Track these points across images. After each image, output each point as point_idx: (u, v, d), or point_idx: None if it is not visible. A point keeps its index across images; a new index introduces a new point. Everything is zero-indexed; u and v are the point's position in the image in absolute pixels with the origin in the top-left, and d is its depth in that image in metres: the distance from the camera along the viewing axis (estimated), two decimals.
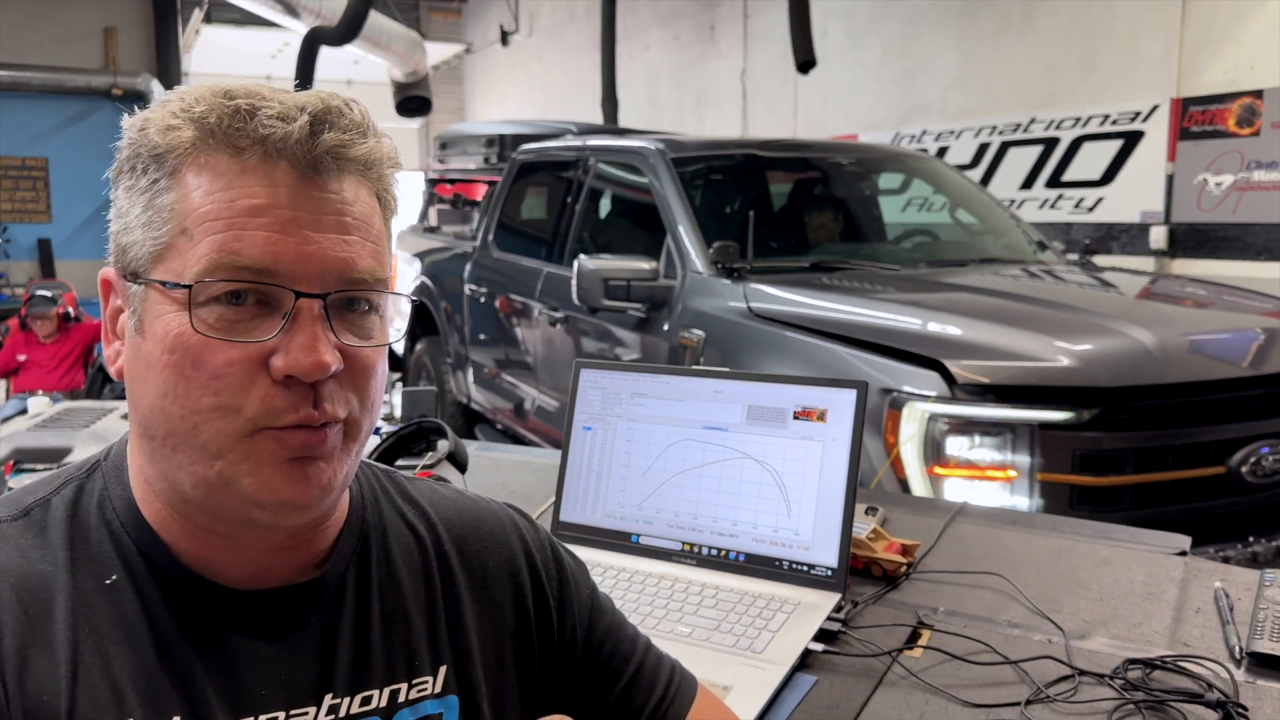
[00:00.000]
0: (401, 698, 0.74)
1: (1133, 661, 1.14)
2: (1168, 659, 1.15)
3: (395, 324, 0.73)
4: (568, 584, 0.87)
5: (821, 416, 1.36)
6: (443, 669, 0.76)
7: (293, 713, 0.69)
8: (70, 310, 6.28)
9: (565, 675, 0.84)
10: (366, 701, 0.72)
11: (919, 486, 2.58)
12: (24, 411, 2.83)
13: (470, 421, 5.45)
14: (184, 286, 0.64)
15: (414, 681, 0.75)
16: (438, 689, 0.76)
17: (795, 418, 1.37)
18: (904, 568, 1.39)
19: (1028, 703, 1.09)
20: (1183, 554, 1.44)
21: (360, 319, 0.69)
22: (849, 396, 1.35)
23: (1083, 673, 1.14)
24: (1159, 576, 1.37)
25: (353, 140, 0.68)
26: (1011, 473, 2.56)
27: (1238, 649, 1.18)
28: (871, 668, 1.17)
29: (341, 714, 0.71)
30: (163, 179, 0.66)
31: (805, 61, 6.25)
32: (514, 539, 0.85)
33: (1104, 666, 1.15)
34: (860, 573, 1.40)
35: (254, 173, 0.65)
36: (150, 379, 0.66)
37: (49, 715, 0.62)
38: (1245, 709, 1.05)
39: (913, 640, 1.23)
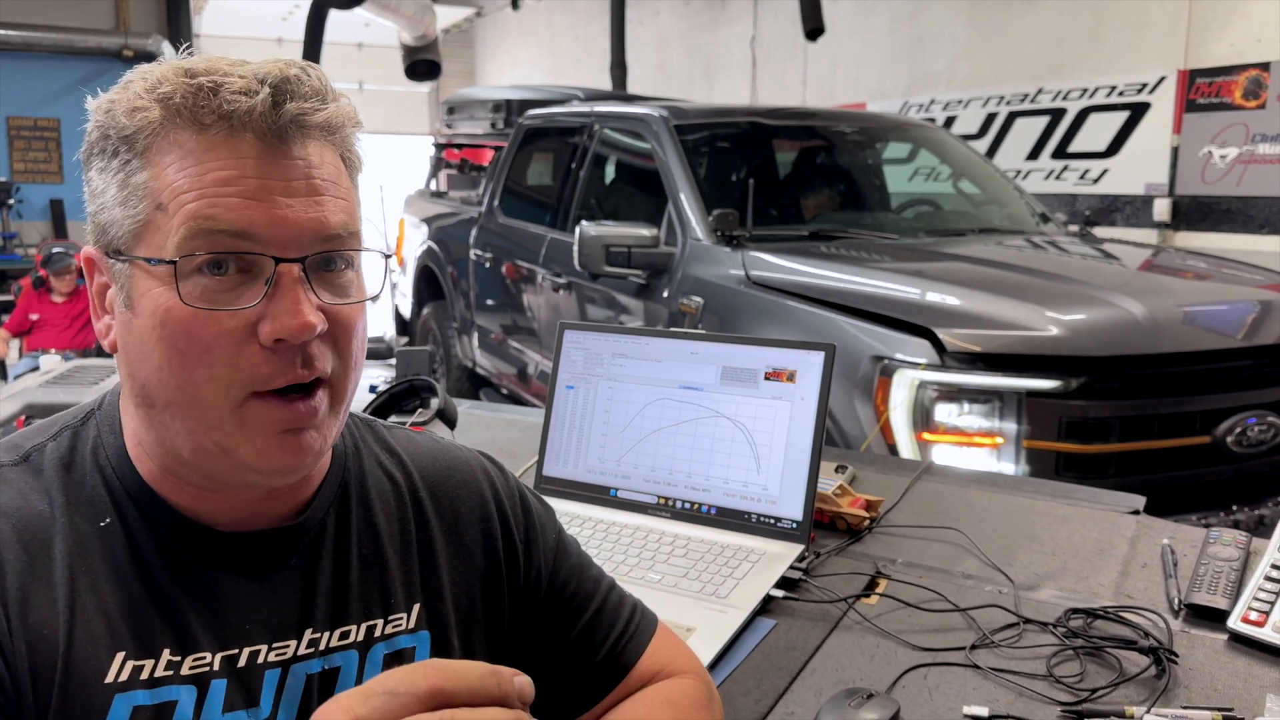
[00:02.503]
0: (377, 633, 0.80)
1: (1075, 611, 1.21)
2: (1109, 609, 1.21)
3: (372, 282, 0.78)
4: (534, 527, 0.93)
5: (791, 377, 1.42)
6: (416, 606, 0.82)
7: (274, 645, 0.75)
8: (83, 267, 6.34)
9: (531, 612, 0.90)
10: (345, 636, 0.78)
11: (907, 452, 2.64)
12: (36, 369, 2.90)
13: (475, 386, 5.52)
14: (168, 262, 0.67)
15: (389, 618, 0.81)
16: (411, 625, 0.82)
17: (766, 378, 1.43)
18: (867, 522, 1.45)
19: (973, 647, 1.15)
20: (1136, 513, 1.50)
21: (337, 277, 0.72)
22: (817, 358, 1.41)
23: (1028, 621, 1.20)
24: (1110, 534, 1.43)
25: (314, 108, 0.70)
26: (999, 439, 2.62)
27: (1176, 601, 1.24)
28: (828, 613, 1.24)
29: (321, 647, 0.77)
30: (134, 159, 0.69)
31: (814, 29, 6.24)
32: (484, 485, 0.91)
33: (1049, 616, 1.21)
34: (826, 526, 1.47)
35: (221, 147, 0.68)
36: (146, 353, 0.69)
37: (49, 648, 0.67)
38: (1176, 655, 1.12)
39: (869, 589, 1.30)
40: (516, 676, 0.55)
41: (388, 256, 0.80)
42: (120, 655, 0.69)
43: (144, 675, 0.70)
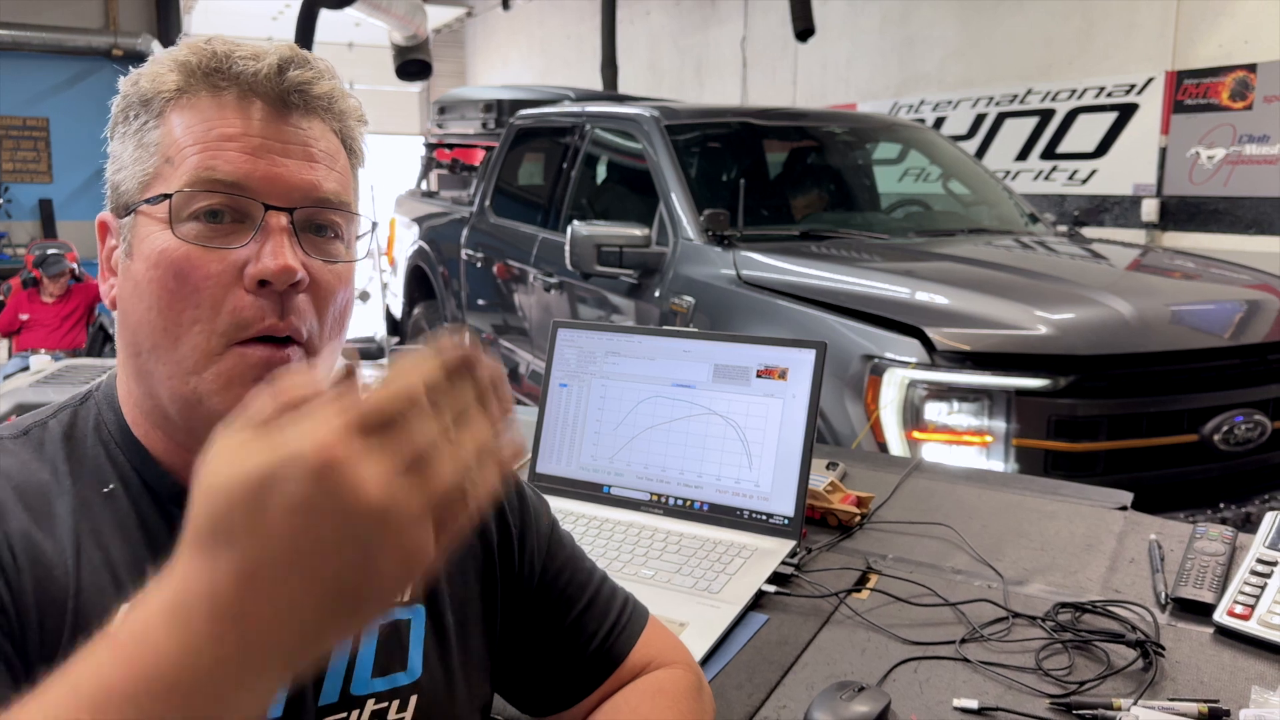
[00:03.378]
0: None
1: (1064, 605, 1.22)
2: (1097, 603, 1.22)
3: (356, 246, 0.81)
4: (529, 515, 0.94)
5: (783, 375, 1.43)
6: None
7: None
8: (75, 268, 6.33)
9: (524, 601, 0.91)
10: None
11: (898, 450, 2.65)
12: (26, 369, 2.90)
13: None
14: (165, 196, 0.72)
15: None
16: (405, 598, 0.83)
17: (758, 376, 1.44)
18: (858, 518, 1.47)
19: (962, 641, 1.17)
20: (1123, 509, 1.51)
21: (326, 244, 0.76)
22: (809, 356, 1.42)
23: (1016, 615, 1.22)
24: (1098, 529, 1.45)
25: (316, 78, 0.76)
26: (988, 438, 2.64)
27: (1163, 595, 1.25)
28: (820, 608, 1.25)
29: None
30: (150, 120, 0.74)
31: (804, 29, 6.26)
32: None
33: (1037, 610, 1.22)
34: (817, 523, 1.48)
35: (230, 107, 0.73)
36: (139, 296, 0.73)
37: (59, 587, 0.68)
38: (1163, 648, 1.13)
39: (860, 584, 1.31)
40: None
41: (375, 225, 0.84)
42: (126, 607, 0.70)
43: None
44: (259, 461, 0.44)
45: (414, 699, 0.81)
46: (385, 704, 0.80)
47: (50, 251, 6.25)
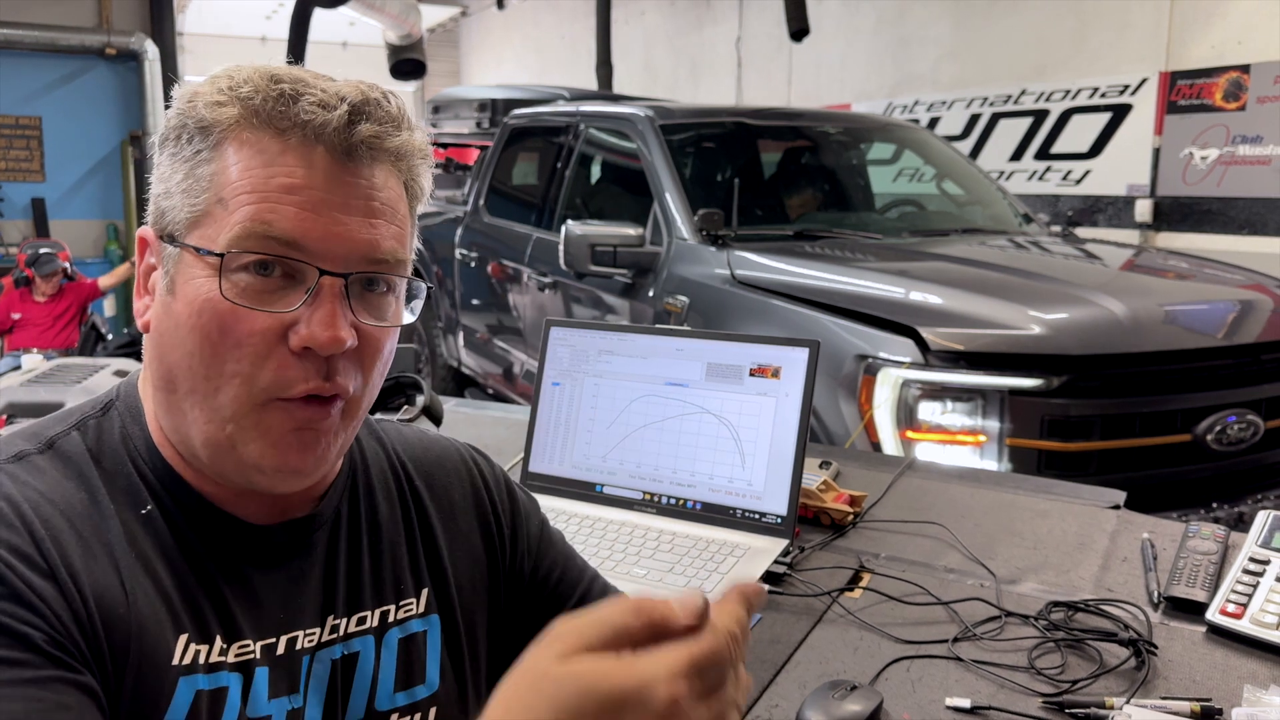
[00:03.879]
0: (391, 618, 0.81)
1: (1056, 604, 1.22)
2: (1090, 602, 1.22)
3: (412, 305, 0.78)
4: (519, 515, 0.94)
5: (776, 374, 1.43)
6: (425, 591, 0.84)
7: (307, 632, 0.76)
8: (67, 267, 6.31)
9: (515, 600, 0.91)
10: (362, 621, 0.80)
11: (891, 450, 2.65)
12: (18, 368, 2.88)
13: (460, 385, 5.52)
14: (217, 255, 0.68)
15: (401, 602, 0.82)
16: (421, 609, 0.83)
17: (751, 374, 1.44)
18: (851, 517, 1.46)
19: (955, 640, 1.17)
20: (1116, 508, 1.51)
21: (378, 299, 0.73)
22: (802, 355, 1.41)
23: (1009, 614, 1.22)
24: (1091, 528, 1.45)
25: (388, 133, 0.72)
26: (981, 437, 2.64)
27: (1156, 594, 1.25)
28: (813, 607, 1.25)
29: (342, 632, 0.78)
30: (206, 150, 0.70)
31: (799, 30, 6.26)
32: (474, 472, 0.93)
33: (1030, 609, 1.23)
34: (810, 522, 1.48)
35: (292, 154, 0.69)
36: (179, 339, 0.70)
37: (123, 628, 0.66)
38: (1155, 647, 1.13)
39: (853, 583, 1.31)
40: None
41: (430, 288, 0.81)
42: (184, 638, 0.70)
43: (203, 659, 0.70)
44: (619, 682, 0.47)
45: (433, 711, 0.82)
46: (407, 718, 0.80)
47: (43, 251, 6.22)
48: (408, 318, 0.77)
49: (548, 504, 1.49)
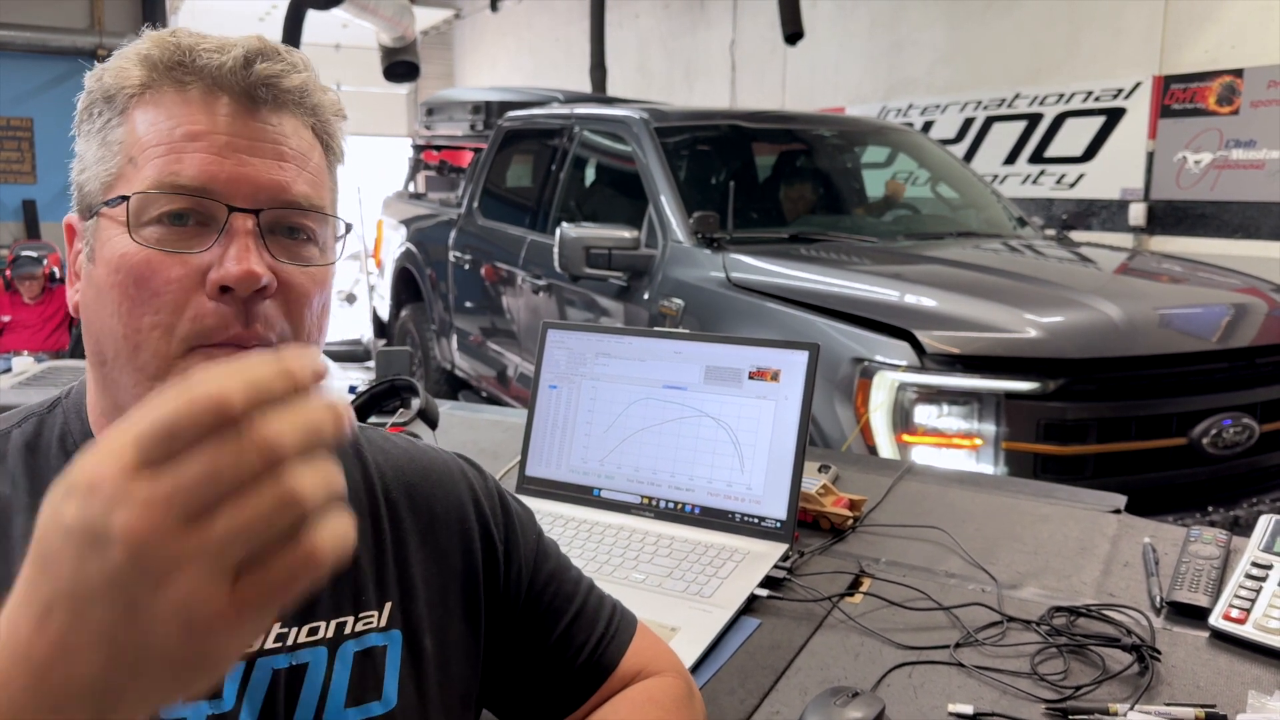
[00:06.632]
0: (347, 630, 0.78)
1: (1058, 609, 1.21)
2: (1092, 607, 1.21)
3: (334, 246, 0.76)
4: (514, 529, 0.91)
5: (775, 377, 1.42)
6: (388, 605, 0.81)
7: None
8: (56, 271, 6.28)
9: (511, 615, 0.89)
10: (313, 632, 0.77)
11: (887, 453, 2.65)
12: (8, 371, 2.86)
13: (454, 388, 5.50)
14: (124, 198, 0.68)
15: (360, 615, 0.79)
16: (382, 623, 0.80)
17: (750, 377, 1.43)
18: (850, 521, 1.45)
19: (957, 645, 1.15)
20: (1117, 512, 1.51)
21: (299, 247, 0.72)
22: (801, 358, 1.40)
23: (1011, 619, 1.21)
24: (1092, 532, 1.44)
25: (286, 71, 0.71)
26: (977, 441, 2.63)
27: (1158, 599, 1.24)
28: (813, 612, 1.24)
29: (288, 642, 0.75)
30: (114, 117, 0.71)
31: (793, 33, 6.26)
32: (463, 487, 0.90)
33: (1032, 614, 1.21)
34: (809, 526, 1.46)
35: (196, 104, 0.70)
36: (101, 303, 0.70)
37: None
38: (1159, 653, 1.12)
39: (853, 588, 1.30)
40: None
41: (350, 226, 0.79)
42: None
43: None
44: (60, 489, 0.40)
45: None
46: None
47: (23, 254, 6.19)
48: (329, 257, 0.75)
49: (545, 508, 1.48)
